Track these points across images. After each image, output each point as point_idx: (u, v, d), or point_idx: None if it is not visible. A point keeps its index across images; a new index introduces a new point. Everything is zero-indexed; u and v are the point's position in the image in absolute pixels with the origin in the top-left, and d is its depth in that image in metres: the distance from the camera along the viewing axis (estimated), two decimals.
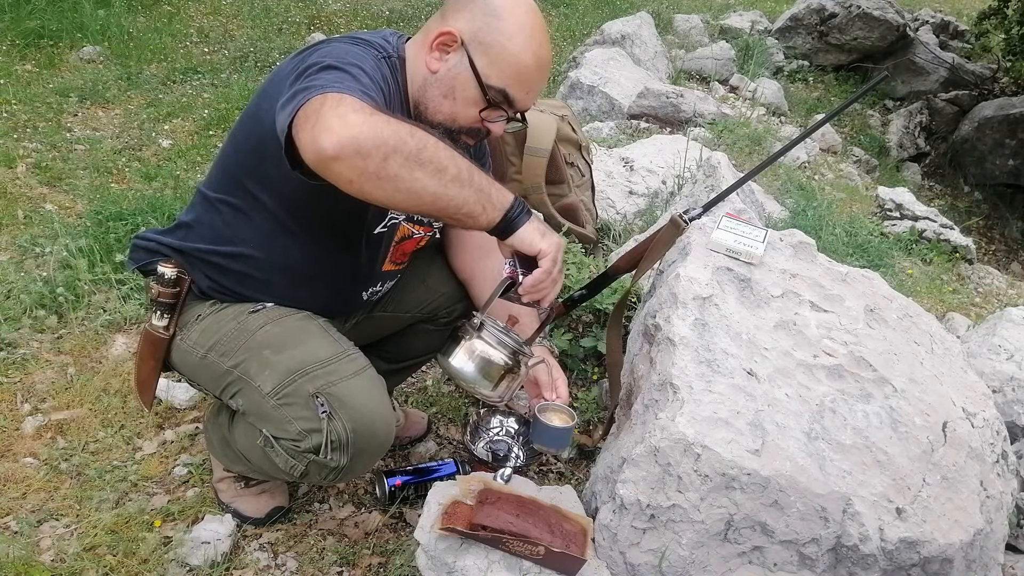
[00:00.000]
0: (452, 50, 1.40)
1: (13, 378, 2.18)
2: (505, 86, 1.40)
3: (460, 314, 1.86)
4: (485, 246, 1.73)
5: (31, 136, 3.83)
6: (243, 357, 1.49)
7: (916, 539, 1.39)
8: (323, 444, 1.41)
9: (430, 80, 1.42)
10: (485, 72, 1.39)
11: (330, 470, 1.45)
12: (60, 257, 2.63)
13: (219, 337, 1.52)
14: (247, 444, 1.57)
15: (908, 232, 4.15)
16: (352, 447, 1.42)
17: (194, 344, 1.55)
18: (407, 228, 1.59)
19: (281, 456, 1.45)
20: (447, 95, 1.42)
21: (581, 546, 1.41)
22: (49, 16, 5.26)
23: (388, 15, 6.75)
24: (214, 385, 1.55)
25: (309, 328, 1.53)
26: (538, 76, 1.45)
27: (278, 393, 1.43)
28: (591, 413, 2.23)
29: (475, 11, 1.39)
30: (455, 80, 1.40)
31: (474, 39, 1.38)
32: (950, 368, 1.69)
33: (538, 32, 1.42)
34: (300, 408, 1.42)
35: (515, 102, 1.44)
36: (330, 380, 1.43)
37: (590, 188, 3.04)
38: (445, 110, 1.43)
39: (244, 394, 1.49)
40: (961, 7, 9.69)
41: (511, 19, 1.38)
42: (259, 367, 1.46)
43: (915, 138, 7.54)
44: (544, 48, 1.44)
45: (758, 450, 1.39)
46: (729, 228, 1.73)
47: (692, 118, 4.83)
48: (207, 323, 1.54)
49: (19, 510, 1.76)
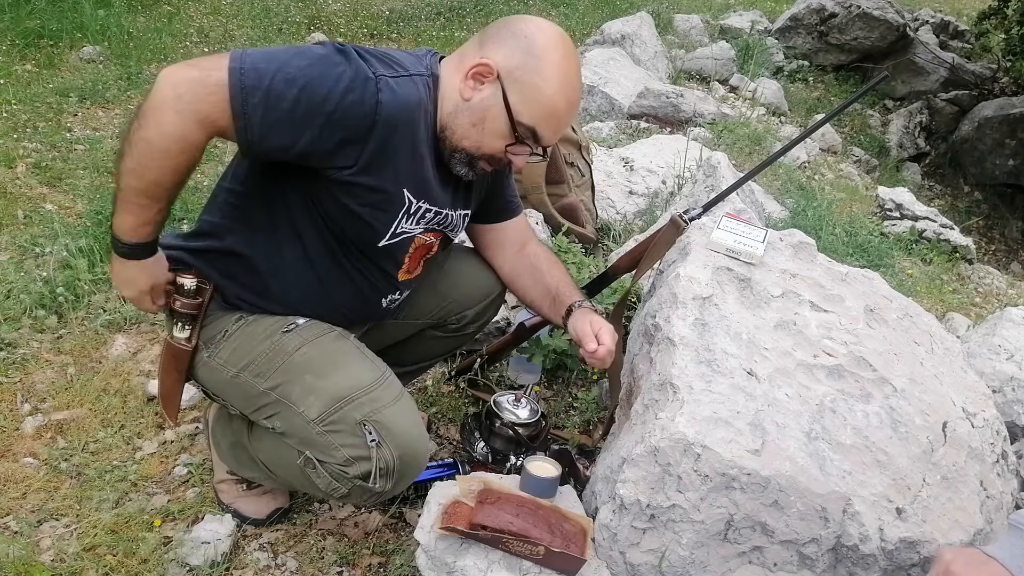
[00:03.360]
0: (487, 81, 1.42)
1: (13, 378, 2.18)
2: (535, 125, 1.44)
3: (469, 320, 1.87)
4: (519, 241, 1.79)
5: (31, 136, 3.83)
6: (281, 380, 1.48)
7: (916, 539, 1.39)
8: (372, 471, 1.43)
9: (462, 107, 1.44)
10: (517, 109, 1.42)
11: (374, 494, 1.47)
12: (60, 257, 2.63)
13: (253, 357, 1.51)
14: (277, 460, 1.57)
15: (908, 232, 4.16)
16: (398, 473, 1.45)
17: (224, 362, 1.53)
18: (422, 238, 1.60)
19: (324, 478, 1.46)
20: (476, 124, 1.44)
21: (581, 546, 1.41)
22: (49, 16, 5.25)
23: (388, 15, 6.75)
24: (246, 404, 1.55)
25: (346, 350, 1.54)
26: (568, 118, 1.50)
27: (324, 420, 1.44)
28: (591, 413, 2.22)
29: (515, 47, 1.41)
30: (487, 112, 1.43)
31: (510, 75, 1.41)
32: (950, 368, 1.69)
33: (573, 76, 1.46)
34: (347, 435, 1.43)
35: (542, 140, 1.48)
36: (375, 407, 1.44)
37: (590, 188, 3.04)
38: (472, 138, 1.46)
39: (283, 417, 1.49)
40: (961, 7, 9.69)
41: (549, 60, 1.41)
42: (302, 392, 1.46)
43: (915, 138, 7.54)
44: (577, 92, 1.48)
45: (758, 450, 1.39)
46: (729, 228, 1.73)
47: (692, 118, 4.83)
48: (237, 341, 1.53)
49: (19, 510, 1.76)
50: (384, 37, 6.36)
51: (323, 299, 1.56)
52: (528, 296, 1.79)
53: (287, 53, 1.32)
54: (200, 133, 1.29)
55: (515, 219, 1.81)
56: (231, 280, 1.54)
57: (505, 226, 1.79)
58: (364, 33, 6.33)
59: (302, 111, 1.28)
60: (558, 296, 1.70)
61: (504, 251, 1.81)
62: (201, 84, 1.26)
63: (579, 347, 1.62)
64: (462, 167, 1.51)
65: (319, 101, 1.28)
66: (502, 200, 1.77)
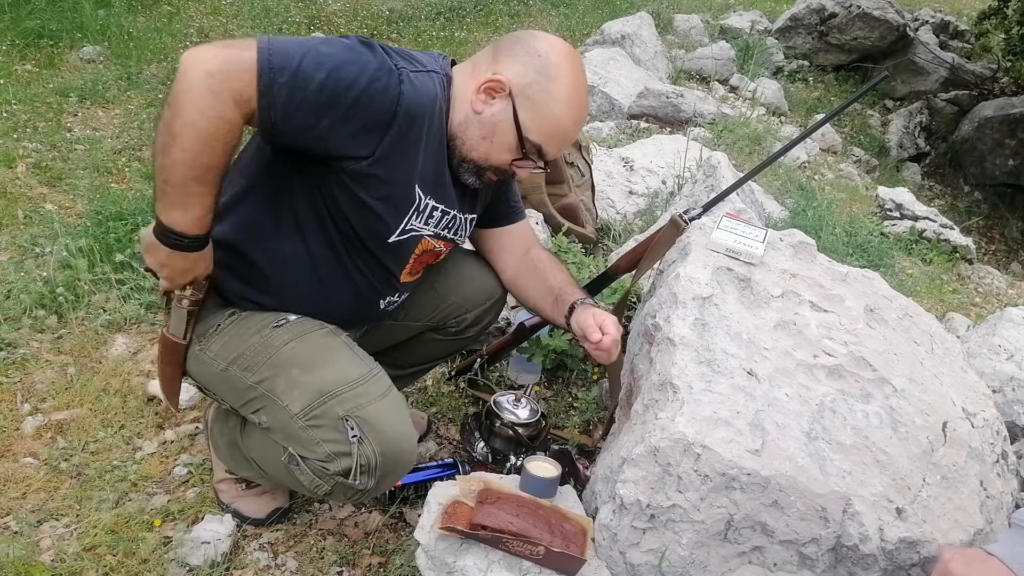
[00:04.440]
0: (499, 97, 1.45)
1: (13, 378, 2.18)
2: (542, 142, 1.48)
3: (469, 323, 1.86)
4: (523, 246, 1.80)
5: (31, 136, 3.83)
6: (268, 374, 1.48)
7: (916, 539, 1.39)
8: (352, 468, 1.42)
9: (472, 119, 1.47)
10: (526, 126, 1.46)
11: (356, 491, 1.46)
12: (60, 257, 2.63)
13: (242, 351, 1.51)
14: (265, 457, 1.57)
15: (908, 232, 4.16)
16: (380, 470, 1.44)
17: (215, 356, 1.53)
18: (430, 242, 1.60)
19: (307, 475, 1.46)
20: (486, 137, 1.48)
21: (581, 546, 1.41)
22: (49, 16, 5.25)
23: (388, 15, 6.75)
24: (235, 398, 1.55)
25: (334, 346, 1.53)
26: (573, 135, 1.56)
27: (307, 415, 1.43)
28: (591, 413, 2.22)
29: (528, 65, 1.44)
30: (496, 126, 1.46)
31: (522, 92, 1.44)
32: (950, 368, 1.69)
33: (582, 95, 1.51)
34: (329, 430, 1.42)
35: (546, 155, 1.52)
36: (359, 403, 1.43)
37: (590, 188, 3.04)
38: (481, 150, 1.49)
39: (269, 411, 1.48)
40: (961, 7, 9.69)
41: (562, 81, 1.45)
42: (287, 386, 1.46)
43: (915, 138, 7.54)
44: (584, 111, 1.54)
45: (758, 450, 1.39)
46: (729, 228, 1.73)
47: (692, 118, 4.83)
48: (228, 335, 1.53)
49: (19, 510, 1.76)
50: (384, 37, 6.36)
51: (321, 297, 1.56)
52: (531, 299, 1.79)
53: (314, 40, 1.33)
54: (236, 112, 1.26)
55: (518, 223, 1.82)
56: (230, 272, 1.54)
57: (509, 230, 1.80)
58: (364, 33, 6.33)
59: (328, 94, 1.28)
60: (560, 295, 1.70)
61: (507, 255, 1.81)
62: (233, 62, 1.24)
63: (583, 341, 1.61)
64: (470, 176, 1.54)
65: (345, 87, 1.29)
66: (505, 205, 1.78)
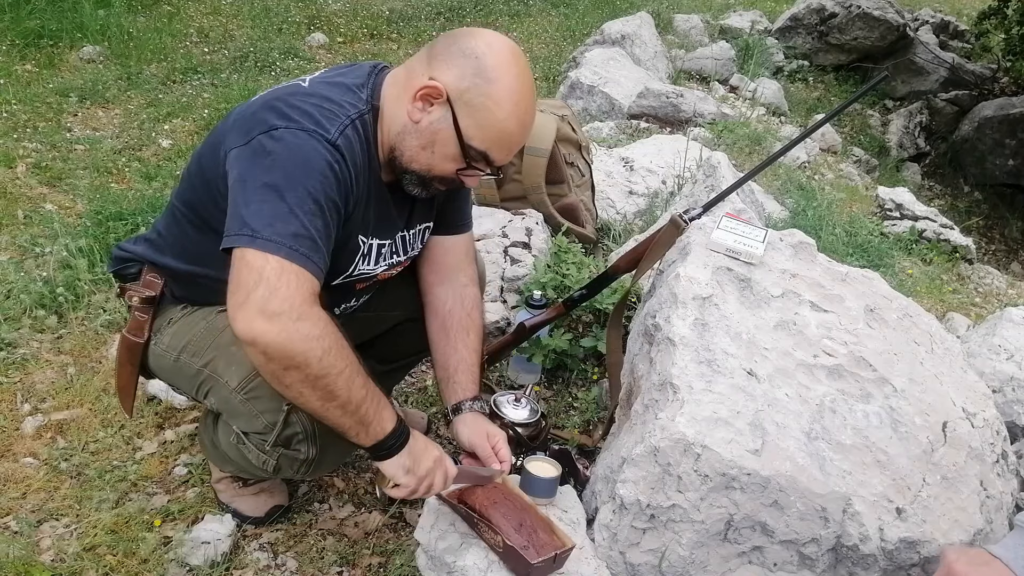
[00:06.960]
0: (436, 103, 1.36)
1: (13, 378, 2.18)
2: (487, 149, 1.39)
3: None
4: (452, 263, 1.70)
5: (31, 136, 3.83)
6: (212, 355, 1.49)
7: (916, 539, 1.39)
8: (291, 436, 1.42)
9: (410, 128, 1.39)
10: (468, 133, 1.36)
11: (300, 463, 1.45)
12: (60, 257, 2.63)
13: (190, 338, 1.53)
14: (226, 443, 1.58)
15: (908, 232, 4.15)
16: (320, 437, 1.42)
17: (167, 347, 1.55)
18: (385, 274, 1.59)
19: (252, 452, 1.47)
20: (426, 147, 1.39)
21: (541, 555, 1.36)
22: (49, 16, 5.25)
23: (388, 15, 6.74)
24: (190, 386, 1.56)
25: None
26: (520, 139, 1.43)
27: (244, 387, 1.44)
28: (591, 413, 2.22)
29: (465, 68, 1.34)
30: (436, 135, 1.37)
31: (460, 98, 1.34)
32: (950, 368, 1.69)
33: (526, 98, 1.38)
34: (266, 401, 1.42)
35: (494, 163, 1.42)
36: None
37: (590, 188, 3.04)
38: (422, 160, 1.41)
39: (215, 392, 1.50)
40: (961, 7, 9.68)
41: (501, 83, 1.34)
42: (226, 363, 1.47)
43: (915, 138, 7.53)
44: (530, 113, 1.41)
45: (758, 450, 1.39)
46: (729, 228, 1.73)
47: (692, 118, 4.82)
48: (178, 326, 1.55)
49: (19, 510, 1.76)
50: (384, 37, 6.35)
51: None
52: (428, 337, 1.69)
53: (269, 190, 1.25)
54: (317, 308, 1.24)
55: (457, 236, 1.70)
56: (177, 283, 1.57)
57: (442, 240, 1.69)
58: (364, 33, 6.32)
59: (330, 209, 1.29)
60: (454, 379, 1.63)
61: (432, 266, 1.71)
62: (271, 290, 1.20)
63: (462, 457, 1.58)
64: (415, 187, 1.47)
65: (330, 192, 1.29)
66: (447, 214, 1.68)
